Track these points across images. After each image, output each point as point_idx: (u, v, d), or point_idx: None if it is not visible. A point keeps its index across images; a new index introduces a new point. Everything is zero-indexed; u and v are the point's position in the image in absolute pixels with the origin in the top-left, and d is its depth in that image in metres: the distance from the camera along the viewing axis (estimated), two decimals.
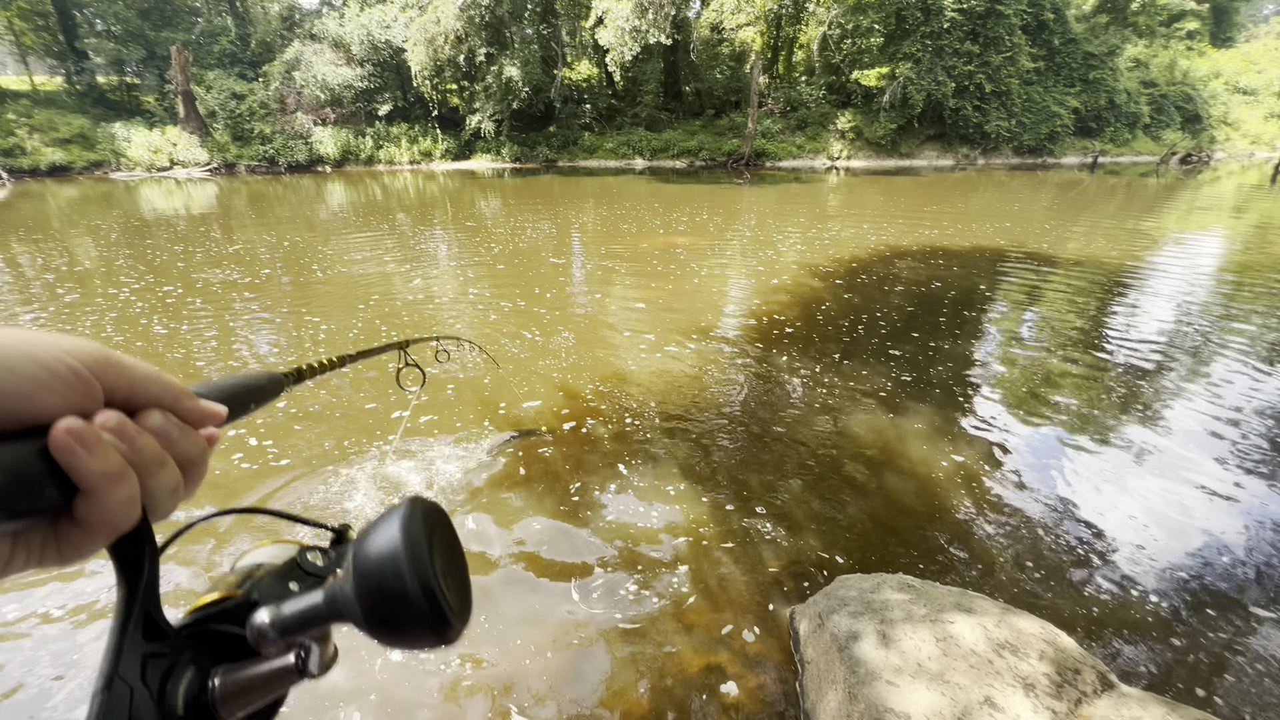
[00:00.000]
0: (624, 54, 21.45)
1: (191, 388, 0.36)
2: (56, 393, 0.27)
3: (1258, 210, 13.01)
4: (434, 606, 0.28)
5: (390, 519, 0.30)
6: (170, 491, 0.32)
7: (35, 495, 0.26)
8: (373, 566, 0.29)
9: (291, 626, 0.31)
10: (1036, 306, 6.04)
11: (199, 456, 0.34)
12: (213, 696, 0.31)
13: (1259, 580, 2.46)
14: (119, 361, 0.30)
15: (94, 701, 0.27)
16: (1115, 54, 25.46)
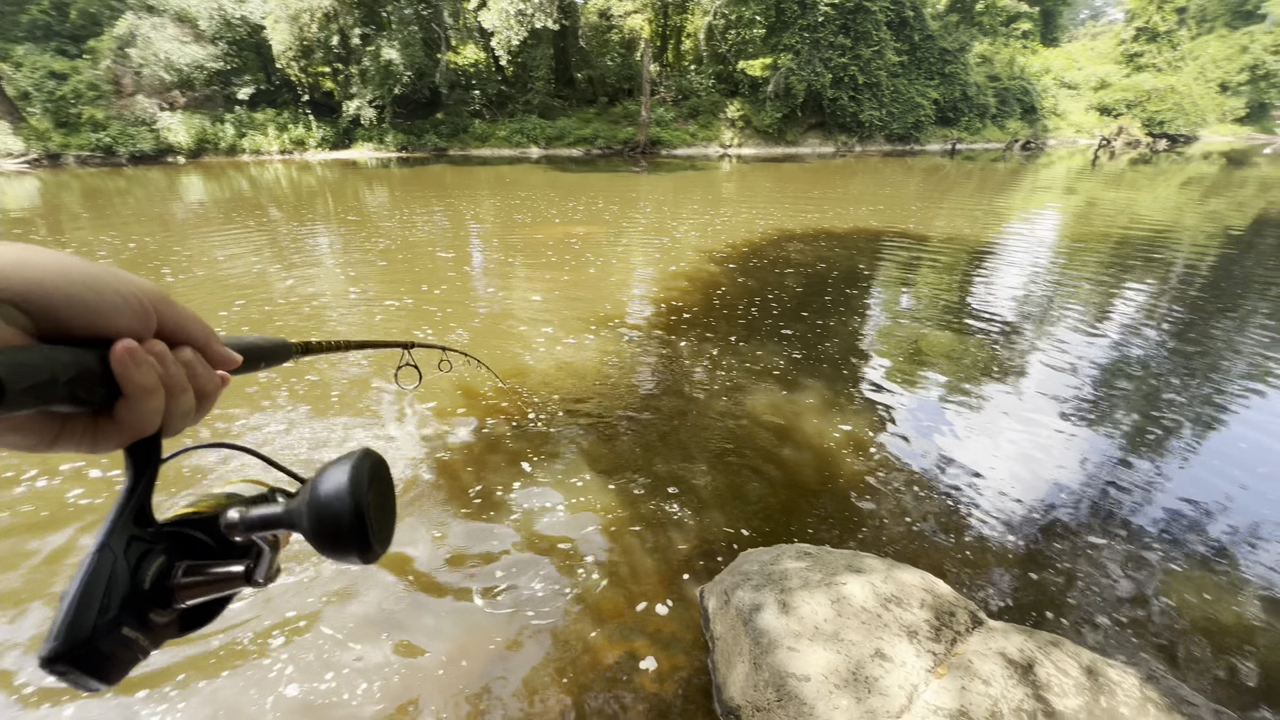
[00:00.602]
0: (510, 38, 20.79)
1: (221, 336, 0.44)
2: (126, 317, 0.35)
3: (1083, 190, 14.95)
4: (360, 529, 0.37)
5: (346, 460, 0.38)
6: (184, 414, 0.39)
7: (91, 390, 0.33)
8: (323, 491, 0.37)
9: (254, 524, 0.40)
10: (910, 282, 6.57)
11: (212, 391, 0.42)
12: (174, 581, 0.38)
13: (1095, 511, 2.82)
14: (173, 303, 0.39)
15: (87, 559, 0.34)
16: (965, 50, 28.15)
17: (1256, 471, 3.12)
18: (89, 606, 0.33)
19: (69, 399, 0.32)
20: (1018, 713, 1.54)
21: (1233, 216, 10.96)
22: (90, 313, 0.34)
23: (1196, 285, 6.56)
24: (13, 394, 0.28)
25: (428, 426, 3.43)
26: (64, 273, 0.33)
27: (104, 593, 0.34)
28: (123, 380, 0.34)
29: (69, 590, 0.33)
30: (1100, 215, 11.15)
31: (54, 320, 0.33)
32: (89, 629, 0.33)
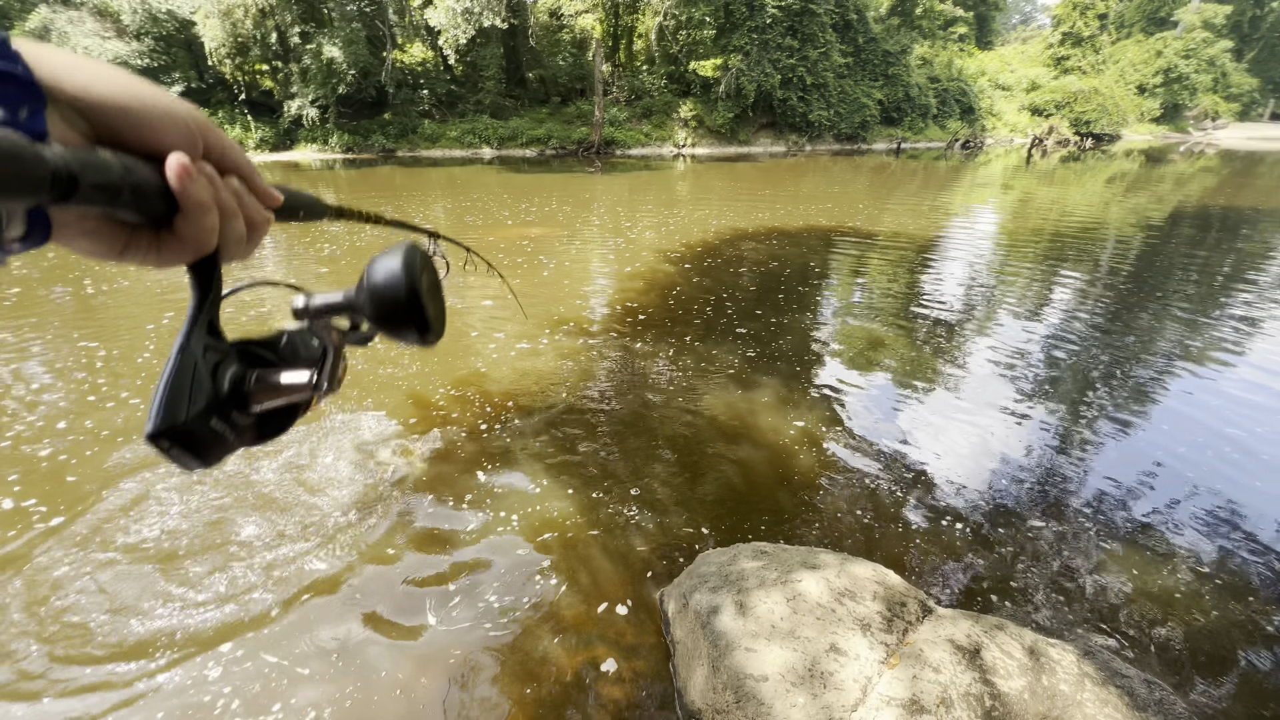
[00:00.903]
0: (458, 37, 20.40)
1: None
2: (175, 133, 0.36)
3: (1019, 186, 15.68)
4: (417, 305, 0.39)
5: (395, 250, 0.41)
6: (238, 240, 0.41)
7: (152, 202, 0.35)
8: (379, 274, 0.39)
9: (320, 309, 0.42)
10: (860, 278, 6.74)
11: (260, 223, 0.43)
12: (249, 385, 0.42)
13: (1036, 494, 2.95)
14: (217, 130, 0.39)
15: (171, 358, 0.37)
16: (907, 53, 29.14)
17: (1178, 450, 3.32)
18: (180, 396, 0.37)
19: (132, 206, 0.33)
20: (966, 698, 1.58)
21: (1153, 210, 11.69)
22: (142, 126, 0.35)
23: (1123, 275, 6.96)
24: (85, 187, 0.29)
25: (377, 437, 3.31)
26: (115, 80, 0.34)
27: (190, 388, 0.37)
28: (180, 194, 0.35)
29: (160, 381, 0.36)
30: (1035, 210, 11.72)
31: (110, 128, 0.34)
32: (183, 414, 0.36)
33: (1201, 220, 10.70)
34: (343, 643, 2.09)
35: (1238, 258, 7.88)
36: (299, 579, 2.35)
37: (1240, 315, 5.58)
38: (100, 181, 0.31)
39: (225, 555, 2.47)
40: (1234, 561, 2.54)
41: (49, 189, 0.27)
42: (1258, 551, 2.60)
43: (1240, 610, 2.29)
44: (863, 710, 1.54)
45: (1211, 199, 13.27)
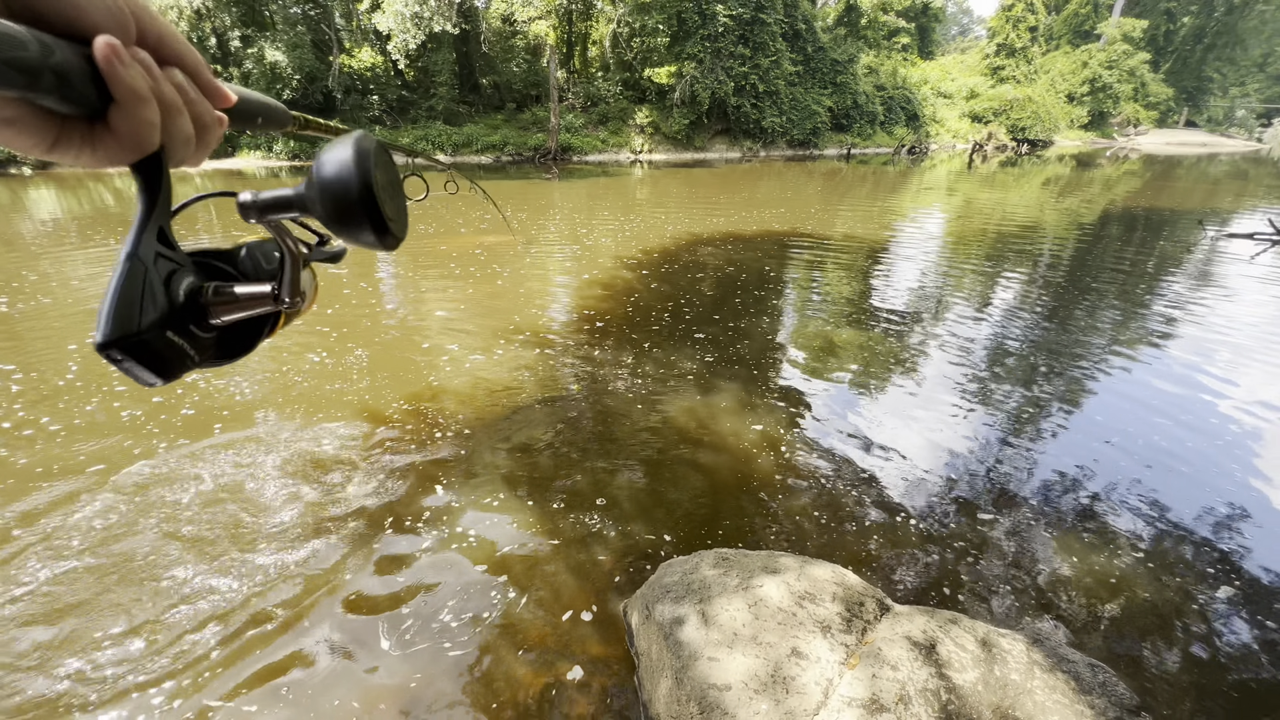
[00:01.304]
0: (408, 41, 20.01)
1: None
2: (100, 11, 0.32)
3: (962, 190, 16.36)
4: (370, 201, 0.36)
5: (345, 139, 0.37)
6: (185, 140, 0.37)
7: (79, 88, 0.31)
8: (327, 165, 0.36)
9: (267, 205, 0.39)
10: (815, 281, 6.89)
11: (210, 124, 0.39)
12: (206, 297, 0.39)
13: (986, 487, 3.05)
14: (156, 16, 0.35)
15: (118, 265, 0.34)
16: (854, 62, 30.08)
17: (1113, 438, 3.50)
18: (130, 305, 0.34)
19: (56, 92, 0.29)
20: (924, 693, 1.61)
21: (1084, 212, 12.36)
22: (63, 2, 0.30)
23: (1060, 273, 7.32)
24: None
25: (325, 455, 3.18)
26: None
27: (140, 297, 0.34)
28: (110, 79, 0.31)
29: (108, 289, 0.33)
30: (977, 213, 12.23)
31: (37, 11, 0.30)
32: (135, 324, 0.34)
33: (1127, 221, 11.37)
34: (291, 677, 1.99)
35: (1160, 256, 8.40)
36: (240, 611, 2.22)
37: (1164, 310, 5.94)
38: (14, 58, 0.26)
39: (156, 591, 2.32)
40: (1166, 541, 2.68)
41: None
42: (1186, 530, 2.75)
43: (1173, 586, 2.42)
44: (825, 713, 1.55)
45: (1135, 201, 14.13)
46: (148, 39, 0.35)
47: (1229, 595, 2.40)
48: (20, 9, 0.30)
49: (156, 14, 0.35)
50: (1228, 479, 3.15)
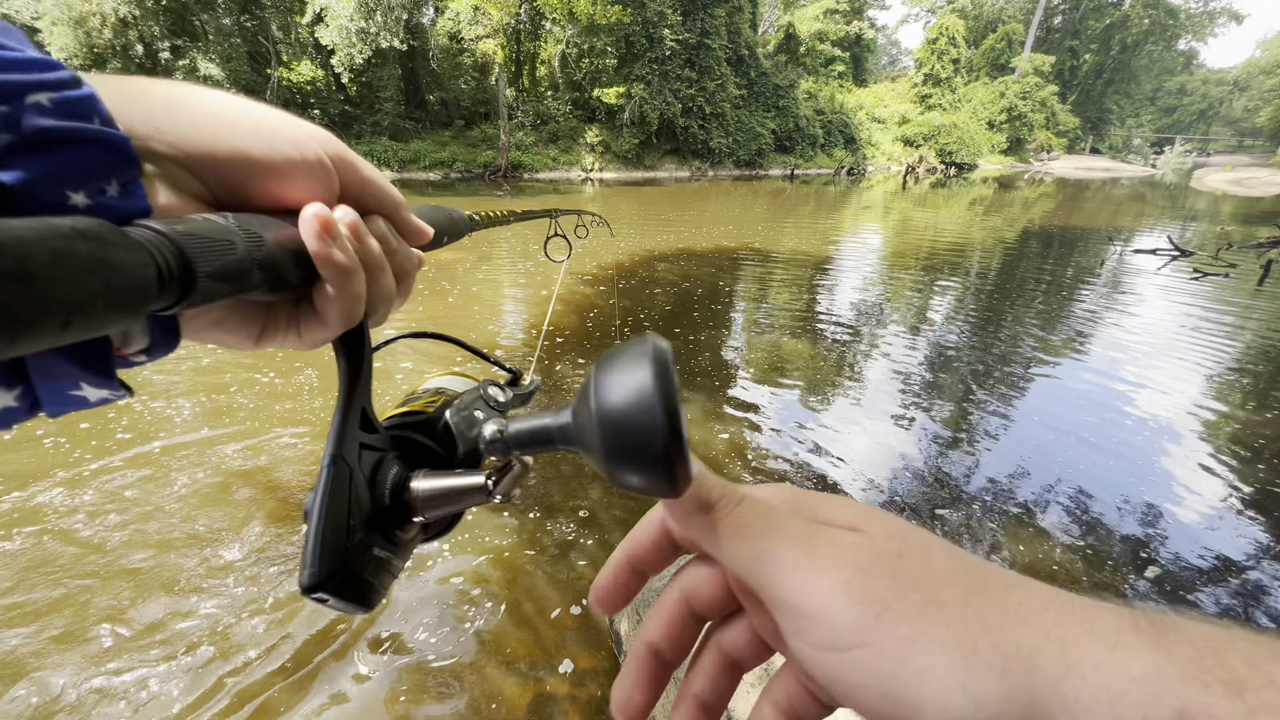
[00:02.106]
0: (353, 56, 19.61)
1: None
2: (306, 178, 0.29)
3: (897, 209, 17.29)
4: (677, 447, 0.26)
5: (637, 355, 0.27)
6: (386, 298, 0.34)
7: (286, 275, 0.28)
8: (618, 395, 0.26)
9: (522, 439, 0.32)
10: (766, 295, 7.14)
11: (411, 270, 0.36)
12: (412, 493, 0.35)
13: (931, 490, 3.25)
14: (354, 159, 0.32)
15: (324, 473, 0.30)
16: (794, 87, 31.47)
17: (1044, 439, 3.79)
18: (336, 528, 0.30)
19: (265, 285, 0.26)
20: None
21: (1007, 230, 13.29)
22: (268, 174, 0.27)
23: (988, 285, 7.86)
24: (203, 279, 0.22)
25: (284, 477, 3.08)
26: (227, 119, 0.27)
27: (348, 511, 0.31)
28: (319, 259, 0.28)
29: (312, 511, 0.29)
30: (913, 231, 12.97)
31: (227, 183, 0.27)
32: (342, 554, 0.30)
33: (1045, 238, 12.31)
34: (264, 702, 1.92)
35: (1075, 270, 9.14)
36: (196, 649, 2.13)
37: (1082, 318, 6.47)
38: (222, 268, 0.23)
39: (110, 624, 2.19)
40: (1095, 533, 2.93)
41: (157, 295, 0.20)
42: (1111, 520, 3.01)
43: (1104, 571, 2.64)
44: None
45: (1051, 220, 15.31)
46: (349, 190, 0.32)
47: (1153, 576, 2.65)
48: (225, 192, 0.27)
49: (356, 158, 0.32)
50: (1146, 470, 3.46)
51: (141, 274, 0.19)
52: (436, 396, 0.43)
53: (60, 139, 0.20)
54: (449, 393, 0.44)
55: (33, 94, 0.20)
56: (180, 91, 0.26)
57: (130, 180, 0.23)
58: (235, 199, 0.27)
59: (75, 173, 0.21)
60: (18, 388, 0.20)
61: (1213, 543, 2.86)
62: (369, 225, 0.33)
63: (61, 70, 0.21)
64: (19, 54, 0.20)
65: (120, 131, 0.22)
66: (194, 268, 0.22)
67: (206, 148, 0.26)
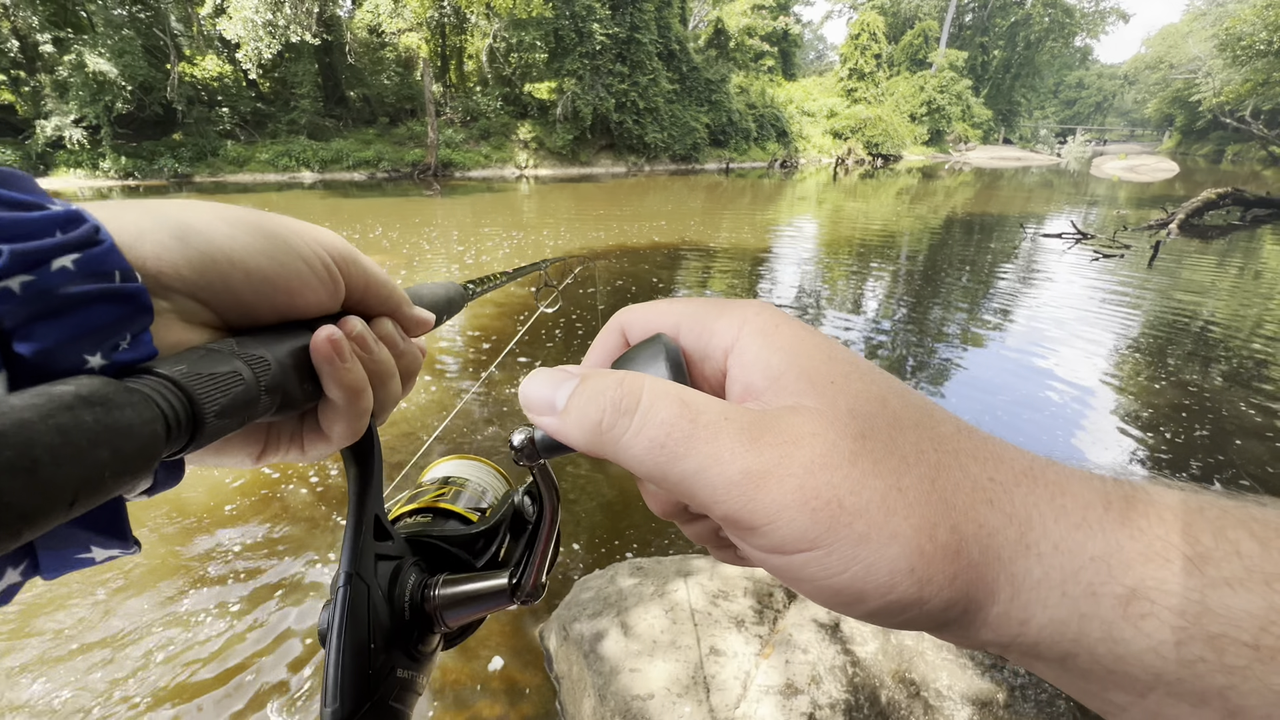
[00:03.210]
0: (260, 50, 18.44)
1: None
2: (313, 291, 0.28)
3: (830, 200, 17.82)
4: None
5: (654, 354, 0.29)
6: (394, 400, 0.33)
7: (296, 391, 0.27)
8: None
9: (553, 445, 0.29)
10: (705, 288, 7.17)
11: (416, 367, 0.36)
12: (434, 602, 0.33)
13: None
14: (361, 262, 0.31)
15: (338, 594, 0.29)
16: (726, 81, 31.90)
17: (971, 412, 3.92)
18: (357, 653, 0.28)
19: (271, 408, 0.26)
20: (832, 670, 1.70)
21: (932, 218, 13.92)
22: (274, 289, 0.26)
23: (918, 270, 8.17)
24: (211, 420, 0.21)
25: (199, 498, 2.81)
26: (241, 241, 0.26)
27: (368, 633, 0.29)
28: (329, 380, 0.28)
29: (331, 635, 0.27)
30: (845, 220, 13.38)
31: (238, 306, 0.26)
32: (365, 681, 0.28)
33: (967, 225, 12.96)
34: None
35: (993, 255, 9.65)
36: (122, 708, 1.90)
37: (1002, 299, 6.82)
38: (230, 404, 0.22)
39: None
40: None
41: (165, 447, 0.19)
42: None
43: None
44: (745, 705, 1.60)
45: (971, 208, 16.15)
46: (354, 292, 0.31)
47: None
48: (233, 316, 0.26)
49: (361, 258, 0.30)
50: (1065, 440, 3.65)
51: (149, 430, 0.18)
52: (446, 488, 0.42)
53: (83, 301, 0.19)
54: (457, 480, 0.43)
55: (58, 258, 0.19)
56: (191, 215, 0.25)
57: (142, 329, 0.21)
58: (243, 318, 0.27)
59: (93, 332, 0.20)
60: (24, 562, 0.19)
61: None
62: (376, 329, 0.32)
63: (83, 223, 0.20)
64: (40, 214, 0.19)
65: (139, 284, 0.21)
66: (202, 410, 0.21)
67: (221, 275, 0.25)
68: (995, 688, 1.80)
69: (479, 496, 0.45)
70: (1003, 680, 1.84)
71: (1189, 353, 5.14)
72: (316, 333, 0.27)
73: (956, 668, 1.81)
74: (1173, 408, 4.08)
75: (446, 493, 0.41)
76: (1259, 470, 3.33)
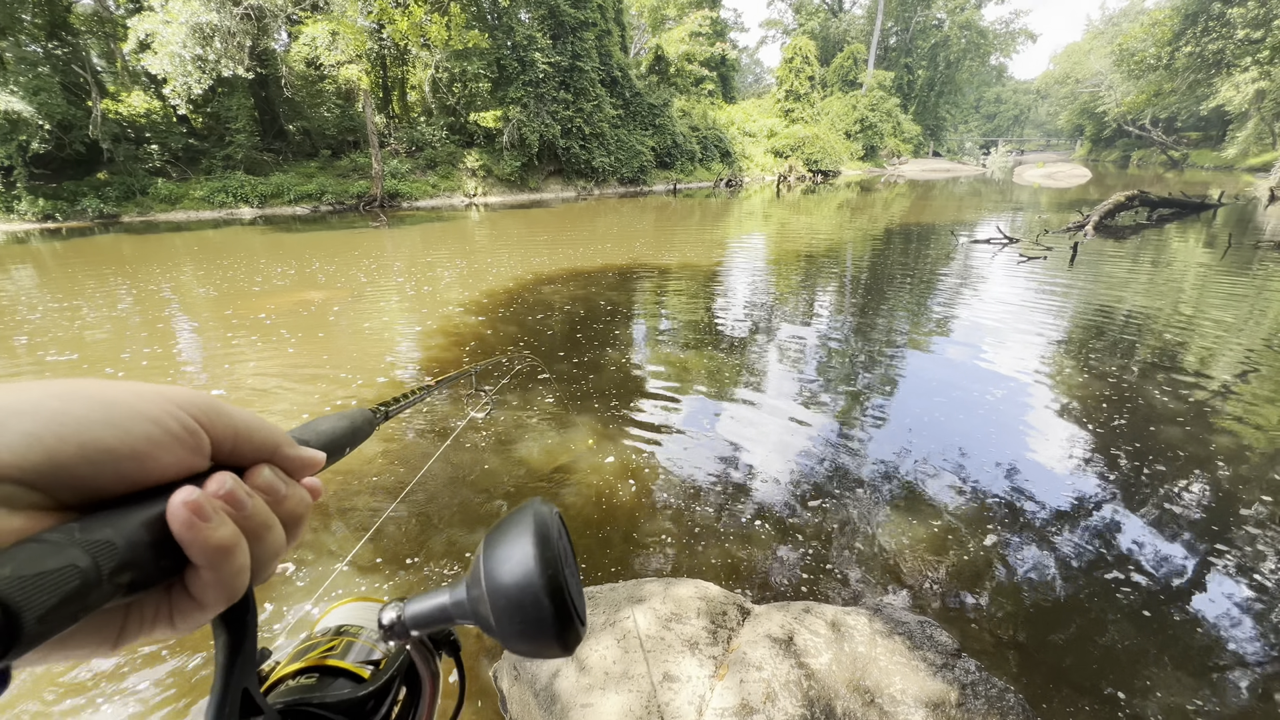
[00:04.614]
0: (190, 86, 17.84)
1: (289, 433, 0.34)
2: (169, 451, 0.26)
3: (775, 216, 18.33)
4: (566, 618, 0.29)
5: (519, 528, 0.30)
6: (275, 555, 0.30)
7: (151, 568, 0.24)
8: (508, 575, 0.29)
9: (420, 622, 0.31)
10: (658, 309, 7.22)
11: (303, 513, 0.33)
12: None
13: (827, 479, 3.36)
14: (226, 411, 0.29)
15: None
16: (668, 105, 32.65)
17: (923, 417, 4.07)
18: None
19: (123, 591, 0.23)
20: (787, 686, 1.70)
21: (872, 230, 14.48)
22: (117, 459, 0.24)
23: (862, 283, 8.45)
24: (31, 625, 0.19)
25: None
26: (73, 415, 0.23)
27: None
28: (192, 549, 0.25)
29: None
30: (791, 235, 13.77)
31: (74, 486, 0.23)
32: None
33: (904, 234, 13.53)
34: None
35: (930, 261, 10.09)
36: None
37: (941, 303, 7.12)
38: (60, 603, 0.20)
39: None
40: (972, 497, 3.15)
41: None
42: (985, 484, 3.26)
43: (978, 534, 2.84)
44: None
45: (907, 217, 16.89)
46: (222, 445, 0.28)
47: (1021, 525, 2.88)
48: (69, 497, 0.23)
49: (224, 408, 0.28)
50: (1007, 435, 3.81)
51: None
52: (337, 639, 0.39)
53: None
54: (350, 630, 0.40)
55: None
56: (10, 398, 0.23)
57: None
58: (85, 495, 0.24)
59: None
60: None
61: (1059, 469, 3.18)
62: (251, 480, 0.29)
63: None
64: None
65: None
66: (19, 618, 0.19)
67: (46, 454, 0.23)
68: (947, 687, 1.83)
69: (373, 647, 0.42)
70: (954, 679, 1.87)
71: (1110, 345, 5.47)
72: (172, 498, 0.25)
73: (909, 670, 1.83)
74: (1096, 399, 4.31)
75: (337, 646, 0.39)
76: (1175, 454, 3.55)
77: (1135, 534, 2.89)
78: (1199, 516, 3.01)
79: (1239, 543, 2.82)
